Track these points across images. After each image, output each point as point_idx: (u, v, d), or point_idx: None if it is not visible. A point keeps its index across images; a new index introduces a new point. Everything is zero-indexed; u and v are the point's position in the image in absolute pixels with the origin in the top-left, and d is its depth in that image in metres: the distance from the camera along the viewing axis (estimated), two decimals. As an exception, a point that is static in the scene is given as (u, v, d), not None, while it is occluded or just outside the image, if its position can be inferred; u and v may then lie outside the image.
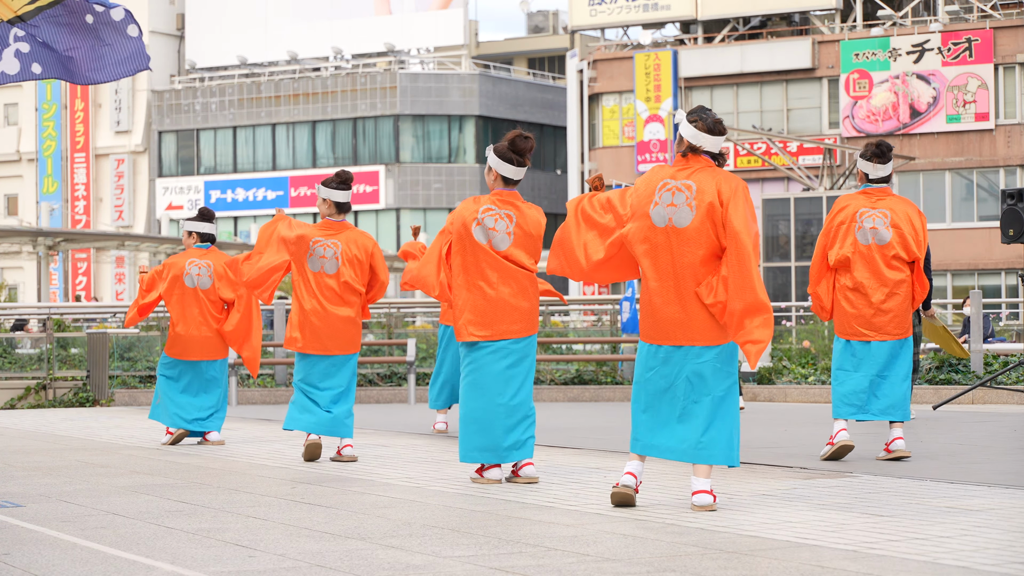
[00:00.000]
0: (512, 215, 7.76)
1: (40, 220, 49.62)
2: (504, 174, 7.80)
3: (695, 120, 6.67)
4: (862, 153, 8.93)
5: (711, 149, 6.66)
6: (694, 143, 6.65)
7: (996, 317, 26.22)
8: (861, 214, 8.78)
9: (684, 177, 6.61)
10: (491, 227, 7.72)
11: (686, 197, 6.56)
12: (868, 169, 8.89)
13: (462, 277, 7.80)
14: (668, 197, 6.59)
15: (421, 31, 53.14)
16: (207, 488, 7.88)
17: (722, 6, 45.45)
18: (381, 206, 51.56)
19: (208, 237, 11.05)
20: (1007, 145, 41.51)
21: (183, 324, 10.82)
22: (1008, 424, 12.00)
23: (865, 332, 8.79)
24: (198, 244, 11.03)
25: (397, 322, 21.83)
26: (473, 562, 5.25)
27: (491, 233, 7.73)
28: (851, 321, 8.83)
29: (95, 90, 56.51)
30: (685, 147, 6.69)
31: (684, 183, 6.59)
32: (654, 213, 6.61)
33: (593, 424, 12.86)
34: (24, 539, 6.05)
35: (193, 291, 10.81)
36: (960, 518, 6.16)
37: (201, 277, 10.82)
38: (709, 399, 6.53)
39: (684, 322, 6.56)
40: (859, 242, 8.78)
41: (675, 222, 6.56)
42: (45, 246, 33.36)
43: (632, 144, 46.31)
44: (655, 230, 6.61)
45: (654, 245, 6.61)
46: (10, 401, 18.27)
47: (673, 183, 6.61)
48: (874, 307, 8.77)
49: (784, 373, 17.28)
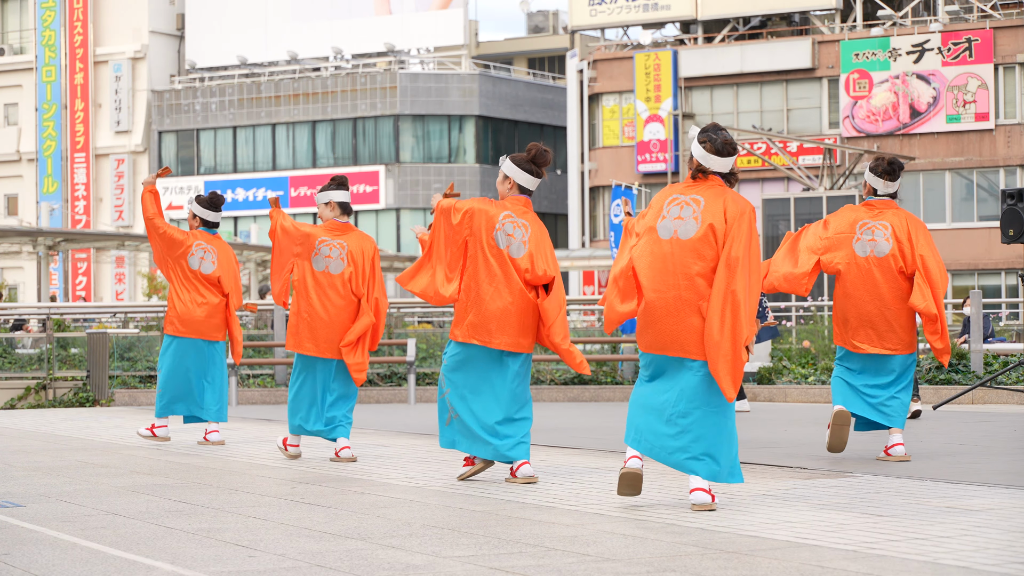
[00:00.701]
0: (528, 225, 7.81)
1: (40, 220, 49.62)
2: (521, 183, 7.90)
3: (704, 141, 6.72)
4: (872, 168, 8.92)
5: (720, 170, 6.72)
6: (703, 164, 6.71)
7: (996, 317, 26.23)
8: (861, 226, 8.79)
9: (693, 193, 6.69)
10: (510, 233, 7.75)
11: (693, 211, 6.62)
12: (878, 185, 8.90)
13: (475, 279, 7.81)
14: (676, 211, 6.66)
15: (421, 31, 53.14)
16: (207, 488, 7.88)
17: (722, 6, 45.45)
18: (381, 206, 51.55)
19: (212, 224, 10.97)
20: (1007, 145, 41.51)
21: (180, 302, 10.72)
22: (1008, 424, 12.00)
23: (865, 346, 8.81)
24: (203, 228, 10.93)
25: (397, 322, 21.82)
26: (473, 562, 5.25)
27: (510, 240, 7.76)
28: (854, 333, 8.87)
29: (95, 90, 56.52)
30: (695, 167, 6.75)
31: (693, 198, 6.66)
32: (660, 226, 6.67)
33: (593, 424, 12.86)
34: (24, 539, 6.05)
35: (195, 272, 10.73)
36: (960, 518, 6.16)
37: (204, 261, 10.76)
38: (702, 412, 6.54)
39: (681, 334, 6.58)
40: (857, 254, 8.79)
41: (680, 234, 6.61)
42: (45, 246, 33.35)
43: (632, 144, 46.31)
44: (660, 242, 6.65)
45: (656, 256, 6.64)
46: (10, 401, 18.27)
47: (682, 198, 6.69)
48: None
49: (784, 373, 17.28)
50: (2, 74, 58.26)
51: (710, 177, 6.72)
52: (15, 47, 58.89)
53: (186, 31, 56.31)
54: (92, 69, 56.39)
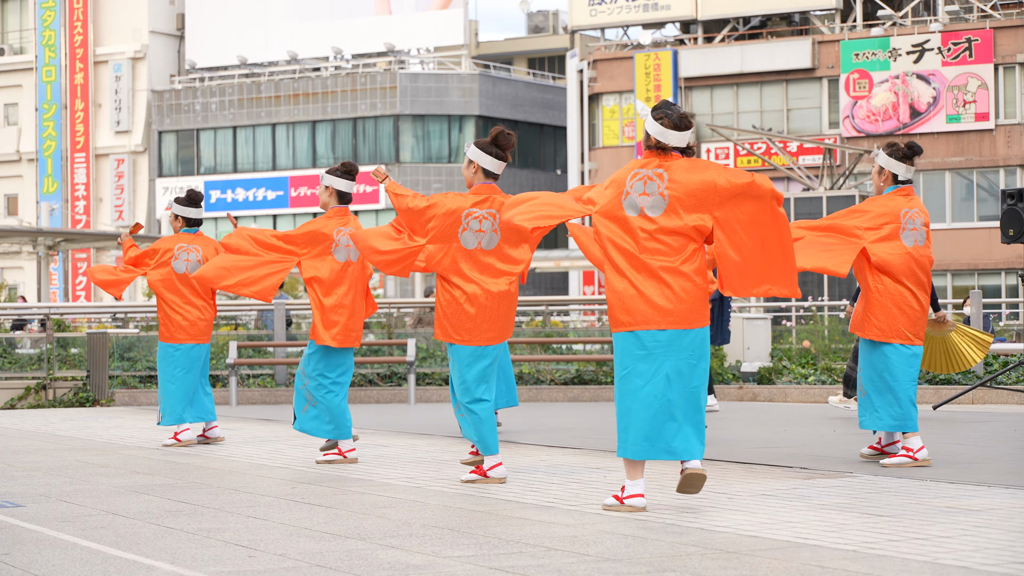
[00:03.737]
0: (496, 213, 7.78)
1: (40, 220, 49.60)
2: (486, 167, 7.84)
3: (660, 118, 6.62)
4: (891, 152, 8.60)
5: (679, 144, 6.63)
6: (661, 140, 6.62)
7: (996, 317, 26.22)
8: (904, 214, 8.50)
9: (655, 167, 6.60)
10: (477, 229, 7.73)
11: (658, 186, 6.56)
12: (899, 170, 8.60)
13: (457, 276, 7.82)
14: (640, 186, 6.58)
15: (421, 31, 53.13)
16: (207, 488, 7.87)
17: (722, 6, 45.44)
18: (381, 206, 51.54)
19: (195, 222, 10.95)
20: (1007, 145, 41.50)
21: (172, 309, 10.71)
22: (1008, 424, 11.99)
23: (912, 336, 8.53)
24: (185, 229, 10.93)
25: (397, 322, 21.81)
26: (473, 562, 5.25)
27: (479, 235, 7.74)
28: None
29: (95, 90, 56.53)
30: (653, 144, 6.64)
31: (655, 171, 6.58)
32: (626, 203, 6.59)
33: (593, 424, 12.85)
34: (24, 539, 6.04)
35: (183, 276, 10.72)
36: (960, 518, 6.16)
37: (190, 263, 10.74)
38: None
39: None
40: (905, 244, 8.48)
41: (647, 211, 6.55)
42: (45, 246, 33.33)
43: (632, 144, 46.30)
44: (627, 219, 6.58)
45: (625, 234, 6.58)
46: (10, 401, 18.27)
47: (644, 172, 6.60)
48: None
49: (784, 373, 17.27)
50: (2, 74, 58.26)
51: (670, 154, 6.63)
52: (15, 47, 58.89)
53: (186, 31, 56.30)
54: (92, 69, 56.39)
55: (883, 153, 8.68)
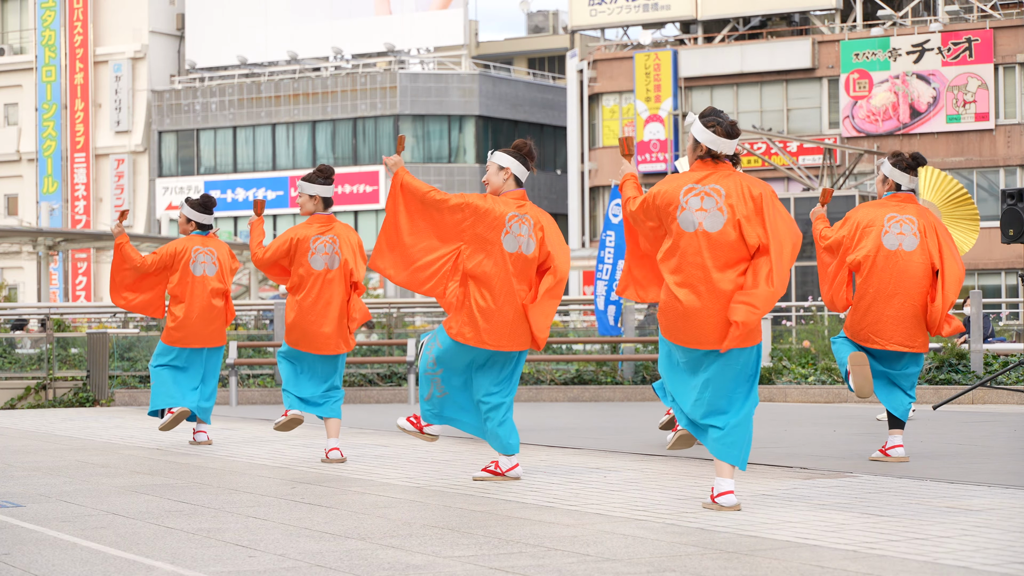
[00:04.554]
0: (529, 217, 7.76)
1: (40, 220, 49.62)
2: (517, 174, 7.80)
3: (713, 125, 6.52)
4: (895, 163, 8.72)
5: (728, 152, 6.56)
6: (714, 148, 6.53)
7: (996, 317, 26.22)
8: (889, 219, 8.62)
9: (712, 182, 6.50)
10: (518, 233, 7.70)
11: (715, 201, 6.46)
12: (903, 180, 8.72)
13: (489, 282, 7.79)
14: (696, 202, 6.47)
15: (421, 31, 53.14)
16: (207, 488, 7.87)
17: (722, 6, 45.45)
18: (381, 206, 51.53)
19: (205, 226, 10.94)
20: (1007, 145, 41.51)
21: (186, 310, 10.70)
22: (1008, 424, 12.00)
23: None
24: (196, 231, 10.92)
25: (397, 322, 21.82)
26: (473, 562, 5.25)
27: (519, 239, 7.71)
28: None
29: (95, 90, 56.53)
30: (704, 152, 6.55)
31: (712, 187, 6.48)
32: (682, 218, 6.50)
33: (593, 424, 12.85)
34: (24, 539, 6.05)
35: (201, 278, 10.70)
36: (960, 518, 6.16)
37: (207, 264, 10.73)
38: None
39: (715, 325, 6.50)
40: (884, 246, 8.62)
41: (706, 227, 6.46)
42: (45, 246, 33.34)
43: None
44: (684, 235, 6.50)
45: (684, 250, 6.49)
46: (10, 401, 18.27)
47: (700, 188, 6.49)
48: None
49: (784, 373, 17.27)
50: (2, 74, 58.26)
51: (722, 163, 6.55)
52: (15, 47, 58.89)
53: (186, 31, 56.30)
54: (92, 69, 56.39)
55: (888, 163, 8.80)
